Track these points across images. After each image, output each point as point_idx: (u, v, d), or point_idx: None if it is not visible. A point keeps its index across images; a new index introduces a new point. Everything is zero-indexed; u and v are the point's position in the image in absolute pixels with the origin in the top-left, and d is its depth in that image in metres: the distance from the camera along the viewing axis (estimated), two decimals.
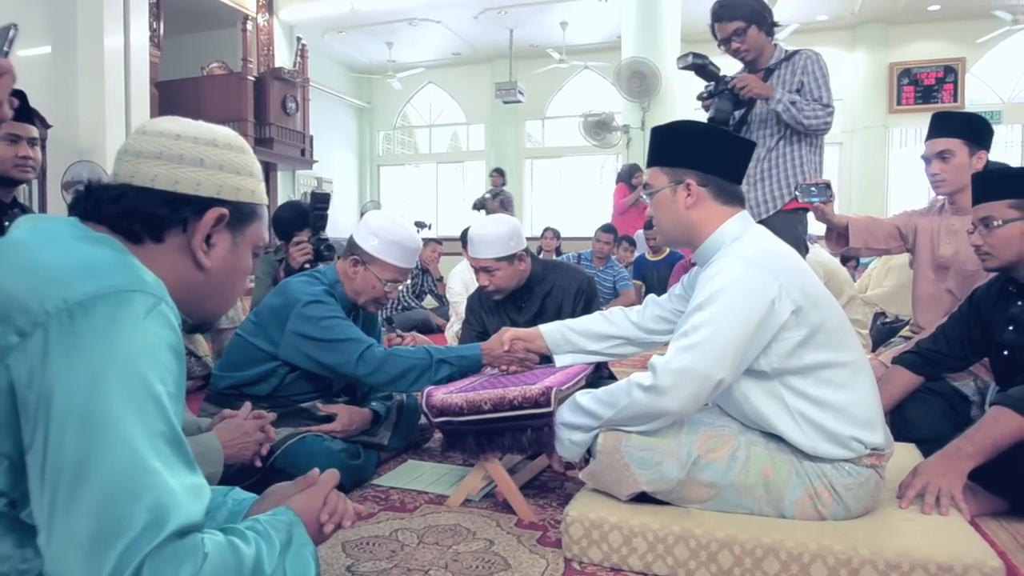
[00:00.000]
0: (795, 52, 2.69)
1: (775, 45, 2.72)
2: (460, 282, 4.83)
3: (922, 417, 2.06)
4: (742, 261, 1.43)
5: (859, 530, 1.38)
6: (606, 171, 11.08)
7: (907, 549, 1.30)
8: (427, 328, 5.54)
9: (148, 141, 0.88)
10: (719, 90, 2.67)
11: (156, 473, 0.69)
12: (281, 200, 8.70)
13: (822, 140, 2.75)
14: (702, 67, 2.70)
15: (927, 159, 2.44)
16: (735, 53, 2.69)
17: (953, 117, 2.51)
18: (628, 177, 7.00)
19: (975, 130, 2.40)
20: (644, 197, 1.69)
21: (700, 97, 2.77)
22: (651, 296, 1.90)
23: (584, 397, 1.53)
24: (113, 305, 0.72)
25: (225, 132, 0.94)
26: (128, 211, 0.85)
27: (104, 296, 0.72)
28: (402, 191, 12.07)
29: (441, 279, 6.23)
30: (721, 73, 2.72)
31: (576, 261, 5.79)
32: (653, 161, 1.65)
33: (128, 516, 0.66)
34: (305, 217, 2.91)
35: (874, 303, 4.62)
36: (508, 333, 1.94)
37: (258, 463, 1.60)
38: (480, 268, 2.32)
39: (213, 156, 0.89)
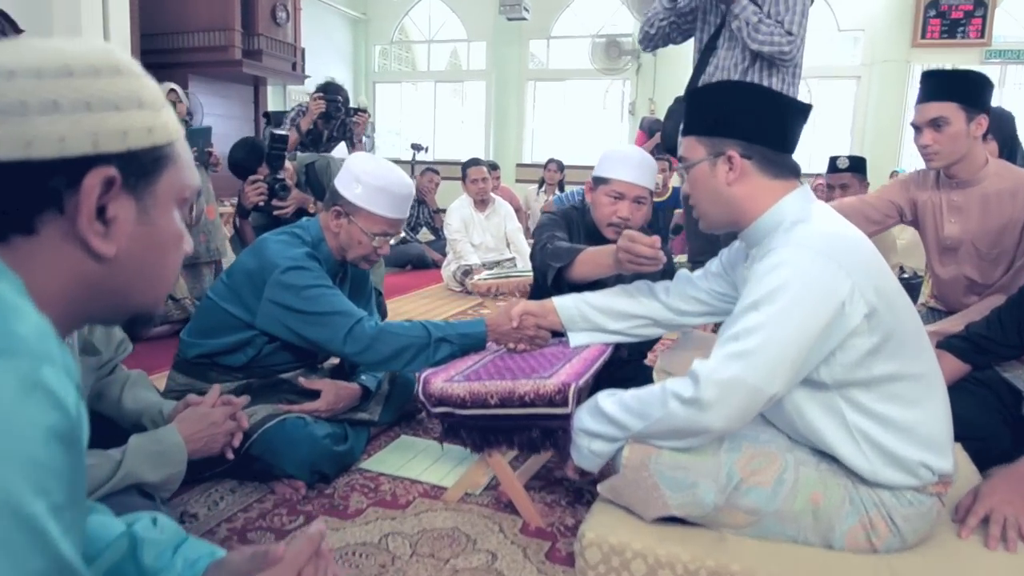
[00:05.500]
0: None
1: None
2: (459, 219, 4.56)
3: (969, 411, 1.85)
4: (808, 251, 1.19)
5: (918, 571, 1.20)
6: (610, 96, 10.60)
7: None
8: (422, 263, 5.30)
9: None
10: None
11: None
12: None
13: (797, 73, 2.46)
14: None
15: (917, 127, 2.09)
16: None
17: (948, 77, 2.13)
18: (650, 130, 6.60)
19: (973, 91, 2.03)
20: (679, 171, 1.42)
21: None
22: (683, 272, 1.67)
23: (609, 402, 1.31)
24: None
25: (84, 50, 0.62)
26: None
27: None
28: (399, 110, 11.57)
29: (438, 211, 5.95)
30: None
31: (581, 197, 5.51)
32: (689, 129, 1.38)
33: None
34: (262, 155, 2.78)
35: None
36: (518, 307, 1.70)
37: (230, 455, 1.40)
38: (633, 197, 1.96)
39: (72, 92, 0.60)
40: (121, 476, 1.19)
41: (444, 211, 4.92)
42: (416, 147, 7.39)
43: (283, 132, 2.77)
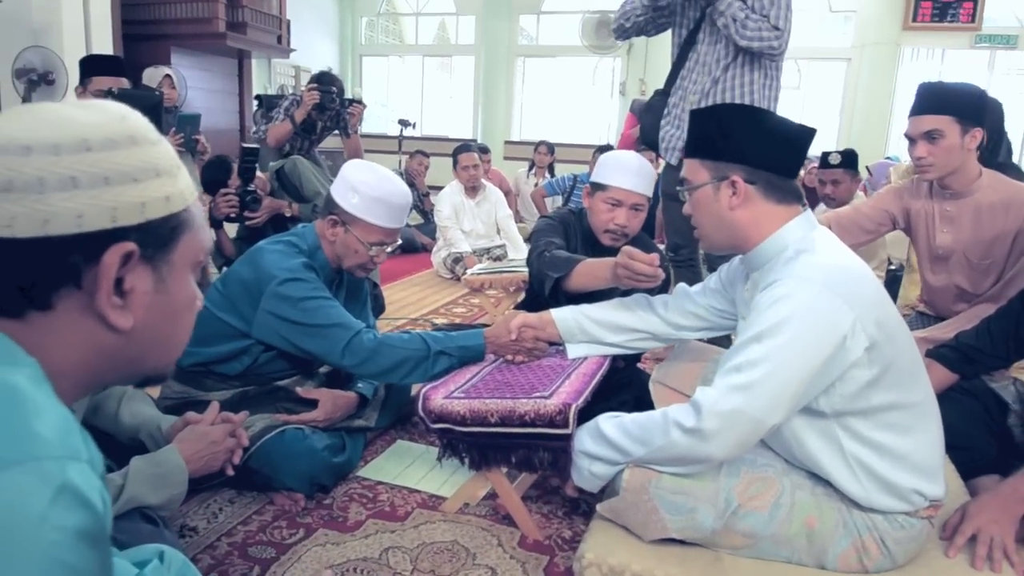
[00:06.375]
0: None
1: None
2: (449, 205, 4.52)
3: (955, 420, 1.88)
4: (811, 285, 1.20)
5: None
6: (600, 74, 10.50)
7: None
8: (411, 247, 5.27)
9: None
10: None
11: None
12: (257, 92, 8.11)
13: (779, 65, 2.46)
14: None
15: (911, 139, 2.11)
16: None
17: (943, 90, 2.12)
18: (640, 114, 6.55)
19: (969, 105, 2.05)
20: (681, 194, 1.42)
21: None
22: (682, 286, 1.68)
23: (610, 425, 1.32)
24: None
25: (100, 122, 0.62)
26: None
27: None
28: (386, 84, 11.40)
29: (427, 193, 5.91)
30: None
31: (571, 183, 5.49)
32: (692, 152, 1.38)
33: None
34: (230, 170, 2.84)
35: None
36: (516, 320, 1.71)
37: (230, 471, 1.40)
38: (631, 205, 1.97)
39: (90, 167, 0.59)
40: (124, 501, 1.19)
41: (435, 190, 4.87)
42: (404, 123, 7.30)
43: (253, 145, 2.79)
